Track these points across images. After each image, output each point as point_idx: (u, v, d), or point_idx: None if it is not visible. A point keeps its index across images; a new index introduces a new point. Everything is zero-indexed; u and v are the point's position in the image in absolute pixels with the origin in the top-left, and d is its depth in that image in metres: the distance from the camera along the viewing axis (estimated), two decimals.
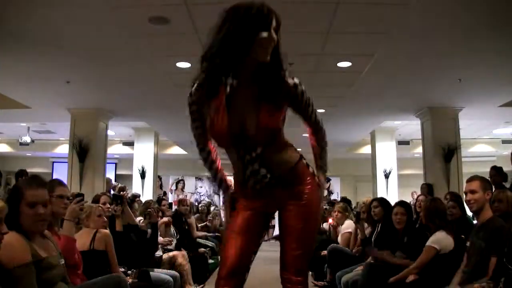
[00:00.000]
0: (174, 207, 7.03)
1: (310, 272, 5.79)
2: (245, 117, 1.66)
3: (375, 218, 4.13)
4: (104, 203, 3.53)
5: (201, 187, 14.53)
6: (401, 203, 3.82)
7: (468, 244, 2.75)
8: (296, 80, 1.76)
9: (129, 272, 3.12)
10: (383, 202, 4.19)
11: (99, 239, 2.87)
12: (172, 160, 13.43)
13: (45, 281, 1.93)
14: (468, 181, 2.73)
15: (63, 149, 11.75)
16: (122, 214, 3.75)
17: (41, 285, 1.91)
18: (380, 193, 9.43)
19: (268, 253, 3.31)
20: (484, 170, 7.24)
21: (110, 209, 3.58)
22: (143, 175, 10.16)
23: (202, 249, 5.56)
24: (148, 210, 4.27)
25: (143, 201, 5.34)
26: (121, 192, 3.96)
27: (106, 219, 3.19)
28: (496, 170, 4.84)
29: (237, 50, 1.57)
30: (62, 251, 2.24)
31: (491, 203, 2.94)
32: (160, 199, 6.58)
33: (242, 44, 1.57)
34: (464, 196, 2.77)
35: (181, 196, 10.64)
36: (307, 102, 1.84)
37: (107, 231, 3.02)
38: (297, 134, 10.05)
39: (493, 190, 3.71)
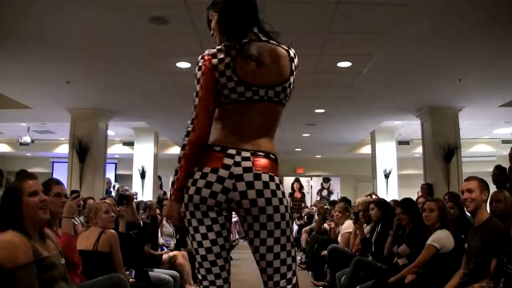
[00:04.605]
0: None
1: (310, 272, 5.80)
2: None
3: (373, 219, 4.17)
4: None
5: None
6: (399, 204, 3.88)
7: (466, 246, 2.76)
8: None
9: (127, 272, 3.12)
10: (380, 204, 4.24)
11: (103, 240, 2.87)
12: (172, 160, 13.31)
13: (46, 280, 1.94)
14: (466, 180, 2.76)
15: (63, 149, 11.76)
16: (126, 214, 3.77)
17: (42, 285, 1.91)
18: (380, 193, 9.43)
19: None
20: (484, 170, 7.27)
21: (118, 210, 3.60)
22: (143, 175, 10.16)
23: None
24: (149, 203, 4.33)
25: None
26: (127, 192, 3.97)
27: (114, 214, 3.19)
28: (500, 170, 4.82)
29: None
30: (63, 249, 2.25)
31: (489, 203, 2.95)
32: (160, 199, 6.57)
33: None
34: (461, 195, 2.78)
35: None
36: None
37: (114, 232, 3.02)
38: (297, 134, 9.91)
39: (495, 190, 3.71)
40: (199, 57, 1.63)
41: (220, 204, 1.58)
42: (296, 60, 1.70)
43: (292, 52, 1.69)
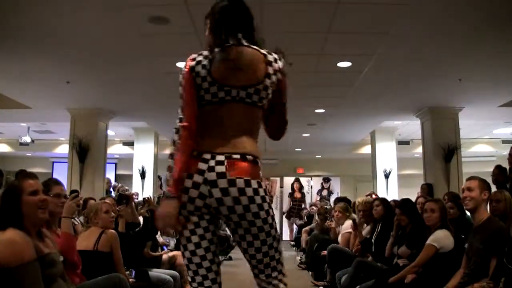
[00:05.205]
0: None
1: (310, 272, 5.79)
2: None
3: (376, 216, 4.17)
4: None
5: None
6: (397, 205, 3.88)
7: (466, 246, 2.77)
8: None
9: (127, 272, 3.12)
10: (385, 201, 4.25)
11: (104, 240, 2.87)
12: None
13: (46, 277, 1.94)
14: (468, 179, 2.78)
15: (63, 149, 11.75)
16: (126, 214, 3.78)
17: (43, 282, 1.91)
18: (380, 193, 9.43)
19: None
20: (484, 170, 7.26)
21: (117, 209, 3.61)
22: (143, 175, 10.16)
23: None
24: (148, 197, 4.35)
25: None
26: (126, 192, 3.98)
27: (114, 214, 3.19)
28: (500, 170, 4.82)
29: None
30: (62, 248, 2.25)
31: (489, 203, 2.95)
32: (160, 199, 6.57)
33: None
34: (461, 193, 2.80)
35: None
36: None
37: (114, 232, 3.02)
38: (298, 134, 9.91)
39: (494, 190, 3.73)
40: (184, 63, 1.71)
41: (199, 209, 1.61)
42: (277, 65, 1.70)
43: (271, 57, 1.70)
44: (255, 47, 1.70)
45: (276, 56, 1.72)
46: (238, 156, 1.61)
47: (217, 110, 1.65)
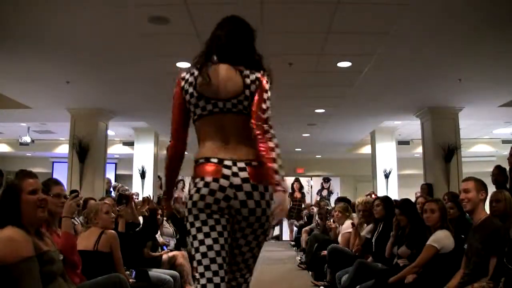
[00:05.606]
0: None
1: (310, 272, 5.80)
2: None
3: (376, 216, 4.16)
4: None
5: None
6: (397, 205, 3.88)
7: (466, 246, 2.77)
8: None
9: (128, 272, 3.11)
10: (385, 201, 4.23)
11: (103, 240, 2.87)
12: None
13: (46, 275, 1.94)
14: (464, 181, 2.80)
15: (63, 149, 11.75)
16: (126, 214, 3.78)
17: (42, 279, 1.92)
18: (380, 193, 9.43)
19: (269, 253, 3.33)
20: (484, 170, 7.26)
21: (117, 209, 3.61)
22: (143, 175, 10.15)
23: None
24: (147, 196, 4.35)
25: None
26: (126, 192, 3.98)
27: (114, 215, 3.19)
28: (500, 170, 4.83)
29: None
30: (63, 248, 2.25)
31: (489, 203, 2.95)
32: (160, 199, 6.57)
33: None
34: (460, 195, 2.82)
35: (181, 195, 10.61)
36: None
37: (114, 232, 3.02)
38: (298, 134, 9.90)
39: (494, 190, 3.74)
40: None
41: (222, 210, 1.71)
42: (254, 75, 1.80)
43: (246, 71, 1.81)
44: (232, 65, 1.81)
45: (248, 71, 1.81)
46: (256, 164, 1.75)
47: (213, 122, 1.79)
